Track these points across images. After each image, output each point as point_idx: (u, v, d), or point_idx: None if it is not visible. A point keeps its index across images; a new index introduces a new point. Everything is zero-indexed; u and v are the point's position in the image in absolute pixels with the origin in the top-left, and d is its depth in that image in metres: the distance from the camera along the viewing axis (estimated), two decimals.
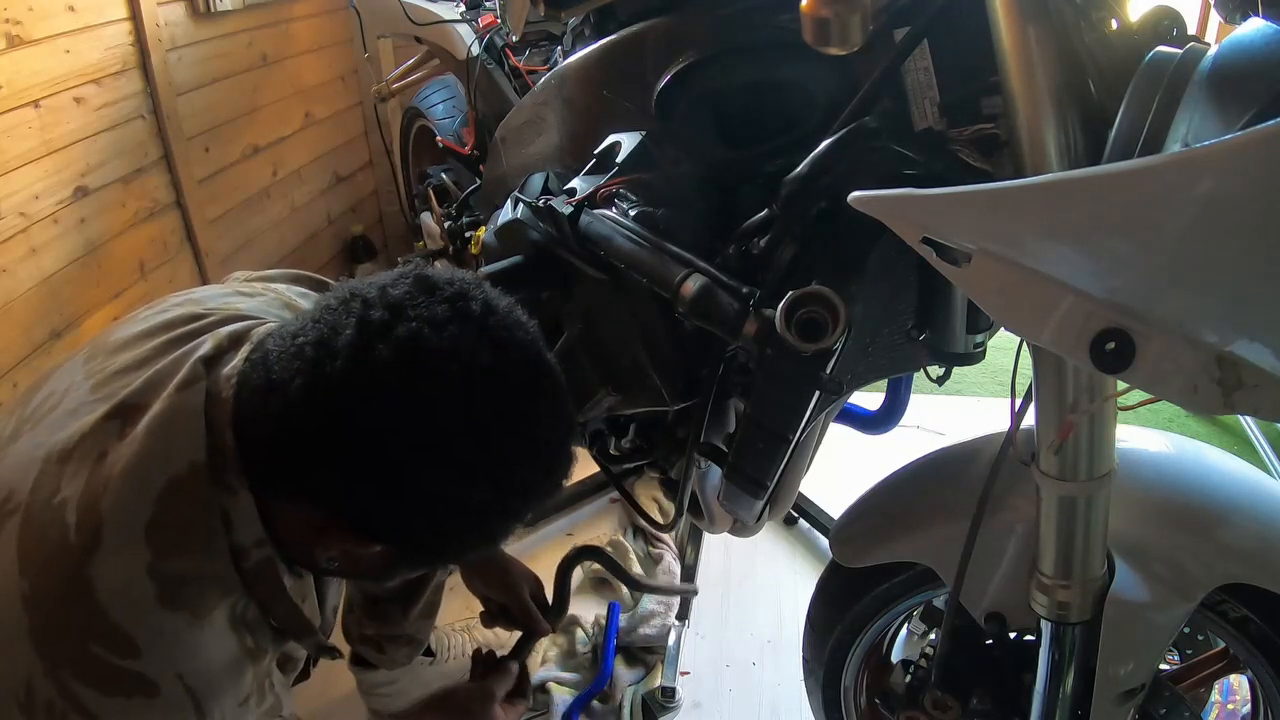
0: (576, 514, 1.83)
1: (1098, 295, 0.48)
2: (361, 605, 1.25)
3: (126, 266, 2.10)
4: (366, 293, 0.64)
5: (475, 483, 0.65)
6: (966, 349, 0.83)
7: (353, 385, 0.61)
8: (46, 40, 1.81)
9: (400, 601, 1.22)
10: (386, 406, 0.61)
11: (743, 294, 0.75)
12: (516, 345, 0.66)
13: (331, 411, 0.62)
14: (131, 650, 0.62)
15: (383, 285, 0.65)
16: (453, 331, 0.62)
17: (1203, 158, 0.43)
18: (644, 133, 0.91)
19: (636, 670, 1.46)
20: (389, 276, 0.67)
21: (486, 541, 0.73)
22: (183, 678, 0.64)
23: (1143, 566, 0.75)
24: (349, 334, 0.62)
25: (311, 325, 0.64)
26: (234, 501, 0.66)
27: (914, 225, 0.54)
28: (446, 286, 0.65)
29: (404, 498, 0.64)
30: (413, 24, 1.96)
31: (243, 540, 0.67)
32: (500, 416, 0.64)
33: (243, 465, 0.66)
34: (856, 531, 0.95)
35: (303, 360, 0.63)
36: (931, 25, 0.66)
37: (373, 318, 0.62)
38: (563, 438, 0.71)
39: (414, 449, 0.62)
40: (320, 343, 0.63)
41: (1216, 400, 0.47)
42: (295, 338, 0.64)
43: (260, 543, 0.68)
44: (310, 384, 0.62)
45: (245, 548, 0.67)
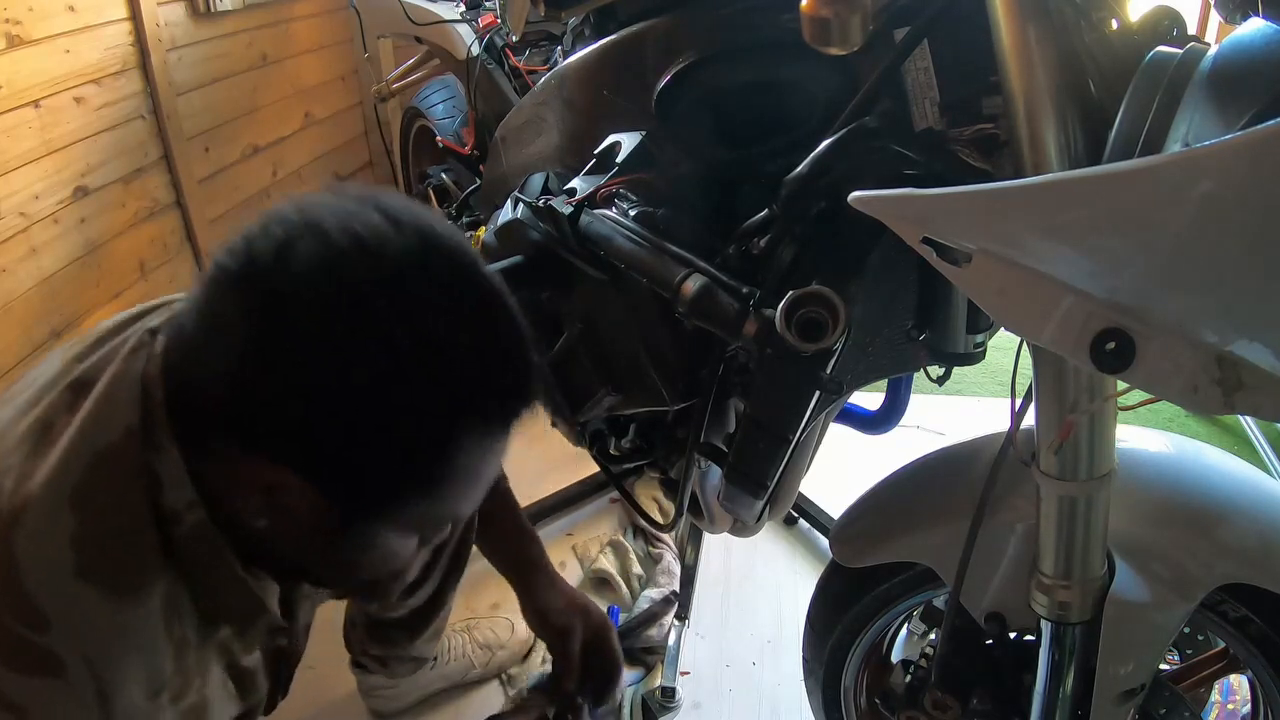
0: (576, 514, 1.83)
1: (1098, 295, 0.48)
2: (365, 626, 1.24)
3: (126, 266, 2.10)
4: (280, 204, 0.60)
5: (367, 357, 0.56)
6: (966, 349, 0.83)
7: (237, 273, 0.57)
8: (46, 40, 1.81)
9: (408, 628, 1.21)
10: (263, 277, 0.56)
11: (743, 294, 0.75)
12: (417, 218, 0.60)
13: (222, 300, 0.58)
14: (42, 623, 0.58)
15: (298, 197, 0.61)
16: (352, 209, 0.58)
17: (1203, 158, 0.43)
18: (644, 133, 0.91)
19: (636, 670, 1.46)
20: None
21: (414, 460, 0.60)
22: (90, 662, 0.60)
23: (1143, 566, 0.75)
24: (250, 228, 0.58)
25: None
26: (162, 460, 0.62)
27: (914, 225, 0.54)
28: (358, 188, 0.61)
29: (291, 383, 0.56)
30: (413, 24, 1.96)
31: (173, 502, 0.62)
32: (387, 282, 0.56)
33: (170, 417, 0.62)
34: (856, 531, 0.95)
35: (209, 270, 0.59)
36: (931, 25, 0.66)
37: (274, 211, 0.59)
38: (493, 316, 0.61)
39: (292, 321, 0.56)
40: (225, 248, 0.59)
41: (1216, 400, 0.47)
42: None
43: (191, 504, 0.63)
44: (209, 282, 0.59)
45: (177, 511, 0.62)
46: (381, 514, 0.63)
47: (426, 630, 1.22)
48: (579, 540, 1.73)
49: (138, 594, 0.62)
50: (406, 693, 1.37)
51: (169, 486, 0.62)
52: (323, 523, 0.61)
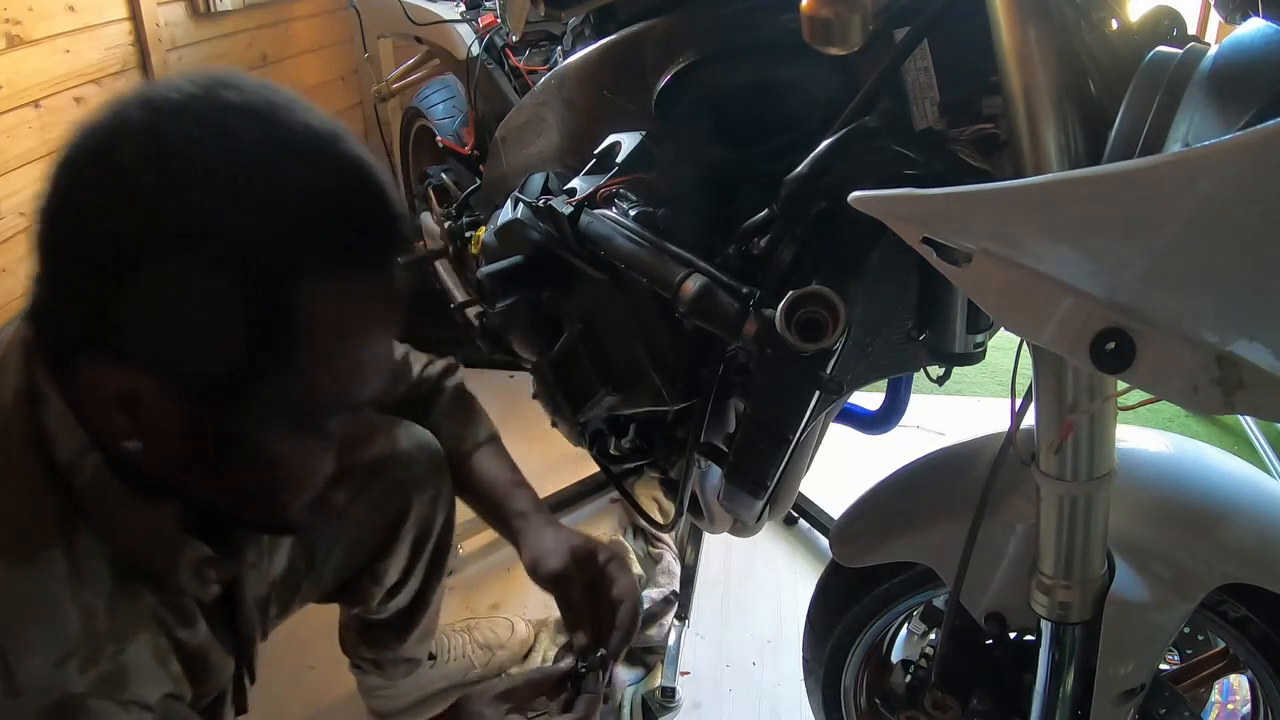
0: (577, 514, 1.83)
1: (1098, 295, 0.48)
2: (357, 630, 1.24)
3: None
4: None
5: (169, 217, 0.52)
6: (966, 349, 0.83)
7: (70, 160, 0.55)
8: (46, 40, 1.81)
9: (395, 628, 1.21)
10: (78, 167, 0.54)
11: (743, 294, 0.75)
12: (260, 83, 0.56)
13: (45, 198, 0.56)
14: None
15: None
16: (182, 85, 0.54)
17: (1203, 158, 0.43)
18: (644, 133, 0.91)
19: (636, 670, 1.46)
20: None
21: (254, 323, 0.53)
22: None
23: (1143, 566, 0.75)
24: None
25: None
26: (47, 411, 0.60)
27: (914, 225, 0.54)
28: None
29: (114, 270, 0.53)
30: (413, 24, 1.96)
31: (68, 452, 0.60)
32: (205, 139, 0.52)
33: (41, 355, 0.60)
34: (856, 531, 0.95)
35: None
36: (931, 25, 0.66)
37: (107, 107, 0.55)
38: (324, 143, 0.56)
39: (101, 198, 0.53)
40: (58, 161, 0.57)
41: (1216, 400, 0.47)
42: None
43: (86, 449, 0.60)
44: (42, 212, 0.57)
45: (74, 461, 0.60)
46: (248, 403, 0.57)
47: (414, 631, 1.22)
48: None
49: (36, 560, 0.59)
50: (406, 693, 1.37)
51: (60, 437, 0.60)
52: (192, 428, 0.57)
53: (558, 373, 1.04)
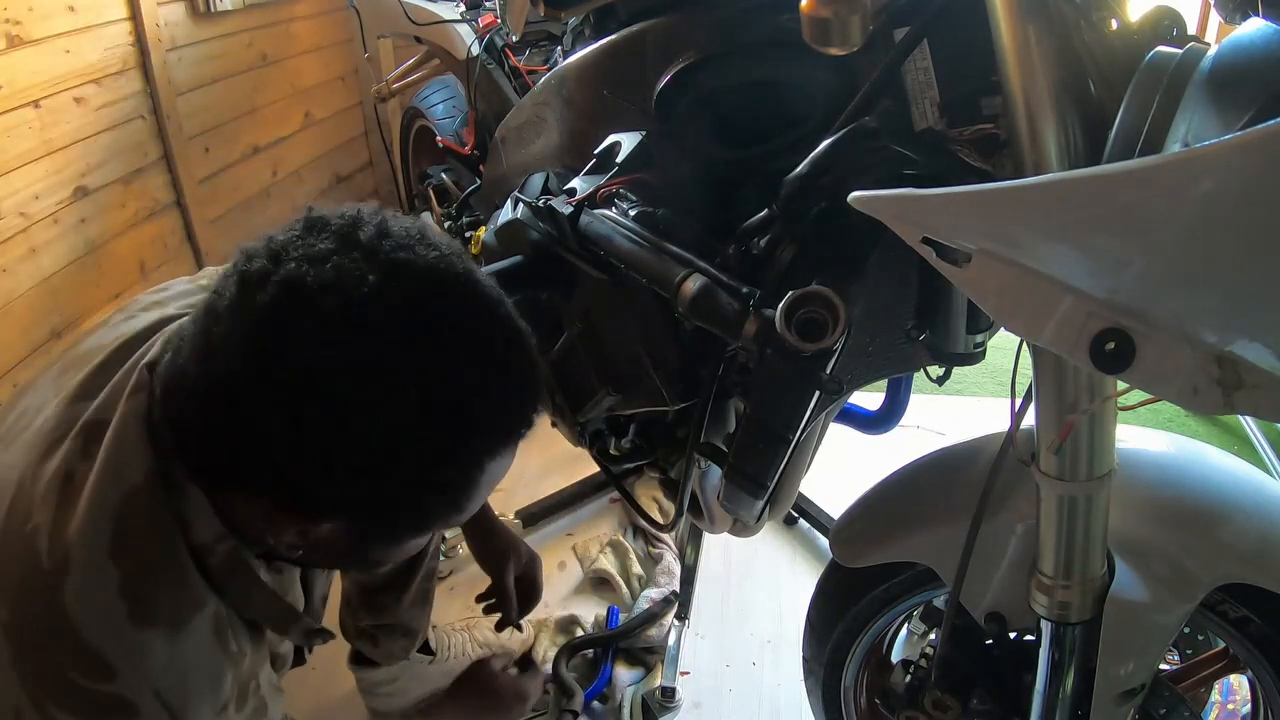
0: (577, 514, 1.83)
1: (1098, 295, 0.48)
2: (357, 597, 1.25)
3: (126, 266, 2.10)
4: (253, 246, 0.59)
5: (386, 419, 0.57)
6: (966, 349, 0.83)
7: (235, 345, 0.57)
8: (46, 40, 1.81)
9: (393, 590, 1.22)
10: (264, 358, 0.56)
11: (743, 294, 0.75)
12: (413, 263, 0.58)
13: (223, 380, 0.57)
14: (108, 673, 0.61)
15: (270, 235, 0.60)
16: (336, 262, 0.56)
17: (1203, 158, 0.43)
18: (644, 133, 0.91)
19: (636, 670, 1.46)
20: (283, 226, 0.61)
21: (439, 493, 0.64)
22: (160, 694, 0.63)
23: (1143, 566, 0.75)
24: (231, 292, 0.57)
25: (210, 295, 0.60)
26: (185, 501, 0.64)
27: (914, 225, 0.54)
28: (336, 220, 0.60)
29: (314, 456, 0.58)
30: (413, 24, 1.96)
31: (202, 538, 0.65)
32: (396, 338, 0.57)
33: (182, 461, 0.64)
34: (856, 531, 0.95)
35: (195, 331, 0.60)
36: (931, 25, 0.66)
37: (253, 269, 0.57)
38: (499, 341, 0.62)
39: (307, 398, 0.56)
40: (208, 310, 0.59)
41: (1216, 400, 0.47)
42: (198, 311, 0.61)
43: (220, 537, 0.66)
44: (202, 356, 0.59)
45: (207, 545, 0.66)
46: (409, 534, 0.70)
47: (410, 589, 1.22)
48: (579, 540, 1.73)
49: (188, 626, 0.65)
50: (406, 690, 1.37)
51: (196, 524, 0.65)
52: (355, 547, 0.67)
53: (558, 373, 1.04)
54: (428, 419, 0.58)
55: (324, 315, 0.55)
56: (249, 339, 0.56)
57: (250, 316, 0.56)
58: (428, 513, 0.66)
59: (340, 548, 0.67)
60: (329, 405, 0.56)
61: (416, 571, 1.22)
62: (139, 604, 0.62)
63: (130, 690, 0.62)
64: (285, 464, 0.59)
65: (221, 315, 0.58)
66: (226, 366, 0.57)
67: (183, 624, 0.64)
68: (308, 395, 0.56)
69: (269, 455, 0.59)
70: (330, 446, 0.57)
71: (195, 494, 0.64)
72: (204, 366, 0.59)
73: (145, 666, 0.62)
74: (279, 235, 0.60)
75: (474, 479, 0.64)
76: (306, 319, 0.55)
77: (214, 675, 0.67)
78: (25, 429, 0.70)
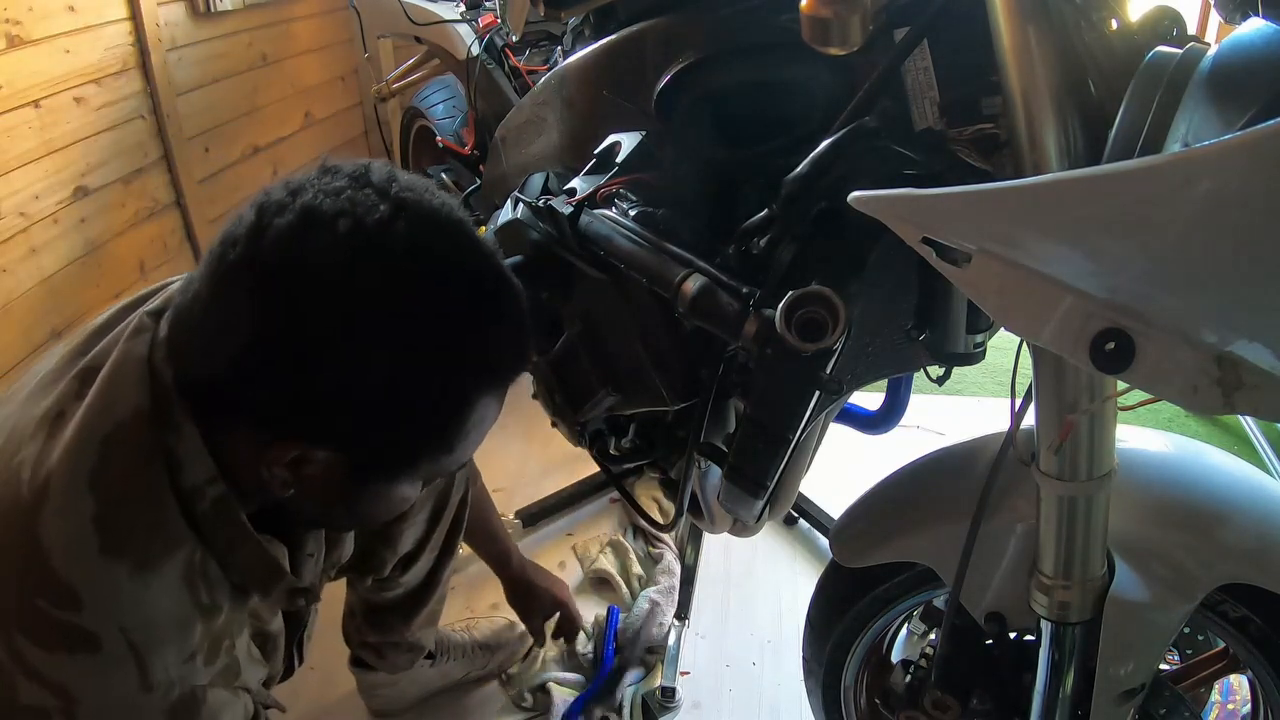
0: (577, 514, 1.83)
1: (1098, 295, 0.48)
2: (363, 613, 1.25)
3: (126, 266, 2.10)
4: (270, 186, 0.62)
5: (389, 344, 0.60)
6: (966, 349, 0.83)
7: (249, 264, 0.59)
8: (46, 40, 1.81)
9: (402, 612, 1.22)
10: (277, 276, 0.59)
11: (743, 294, 0.75)
12: (421, 202, 0.62)
13: (234, 296, 0.60)
14: (74, 603, 0.61)
15: (287, 179, 0.63)
16: (348, 194, 0.60)
17: (1203, 158, 0.43)
18: (644, 133, 0.90)
19: (636, 670, 1.46)
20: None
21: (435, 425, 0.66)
22: (125, 631, 0.62)
23: (1143, 566, 0.75)
24: (249, 219, 0.60)
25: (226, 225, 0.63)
26: (179, 439, 0.64)
27: (914, 225, 0.54)
28: (349, 165, 0.63)
29: (318, 373, 0.60)
30: (413, 24, 1.96)
31: (194, 479, 0.65)
32: (399, 269, 0.60)
33: (182, 396, 0.64)
34: (856, 531, 0.95)
35: (208, 260, 0.62)
36: (931, 25, 0.66)
37: (271, 199, 0.61)
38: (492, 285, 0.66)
39: (313, 313, 0.59)
40: (224, 238, 0.61)
41: (1216, 400, 0.47)
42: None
43: (212, 479, 0.65)
44: (215, 278, 0.61)
45: (198, 487, 0.65)
46: (400, 473, 0.69)
47: (421, 613, 1.23)
48: (579, 540, 1.73)
49: (162, 565, 0.64)
50: (406, 691, 1.37)
51: (188, 465, 0.65)
52: (346, 485, 0.67)
53: (558, 373, 1.04)
54: (424, 344, 0.62)
55: (337, 236, 0.58)
56: (263, 257, 0.59)
57: (266, 237, 0.59)
58: (418, 445, 0.67)
59: (332, 485, 0.66)
60: (333, 321, 0.59)
61: (429, 596, 1.22)
62: (111, 536, 0.62)
63: (94, 623, 0.61)
64: (285, 379, 0.60)
65: (238, 239, 0.60)
66: (238, 284, 0.60)
67: (153, 562, 0.63)
68: (315, 310, 0.59)
69: (270, 369, 0.60)
70: (330, 363, 0.60)
71: (190, 433, 0.64)
72: (215, 287, 0.61)
73: (112, 600, 0.62)
74: (295, 177, 0.63)
75: (464, 415, 0.66)
76: (321, 237, 0.58)
77: (181, 620, 0.66)
78: (26, 386, 0.71)
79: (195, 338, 0.64)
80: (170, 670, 0.65)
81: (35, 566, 0.61)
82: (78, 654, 0.61)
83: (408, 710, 1.39)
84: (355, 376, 0.60)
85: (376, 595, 1.19)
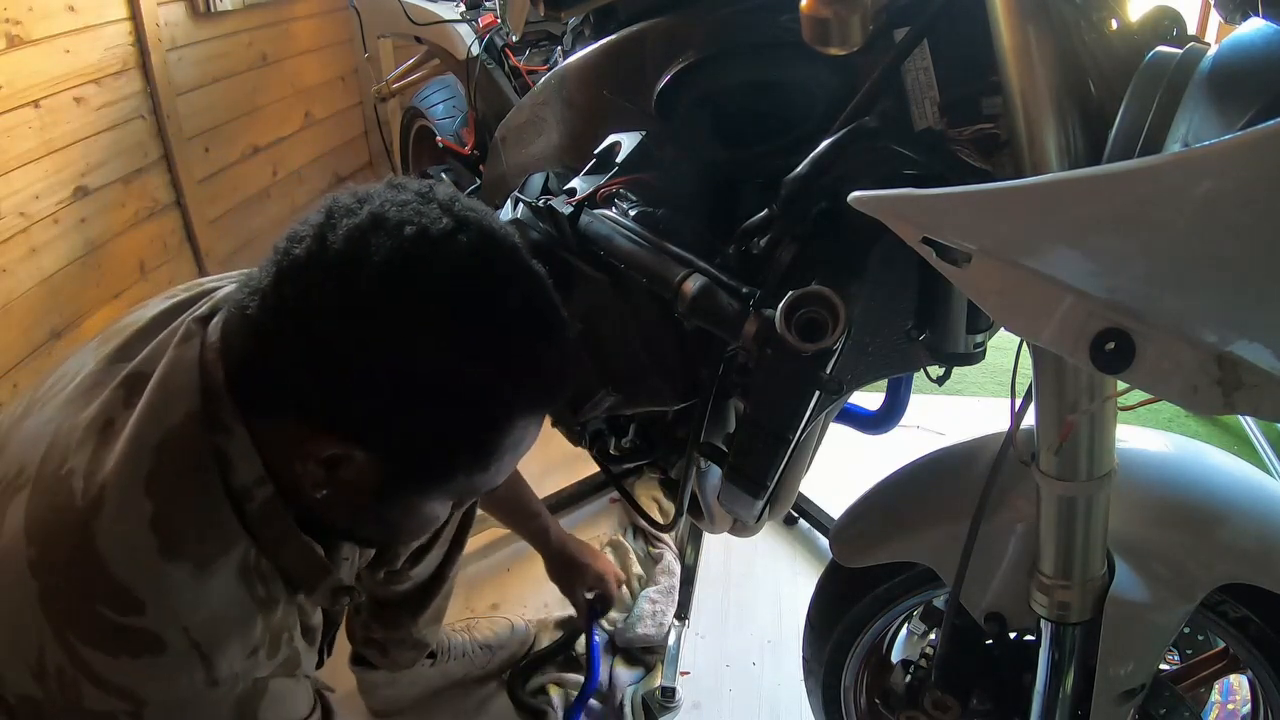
0: (577, 514, 1.83)
1: (1097, 295, 0.48)
2: (370, 609, 1.25)
3: (126, 266, 2.10)
4: (339, 194, 0.65)
5: (440, 346, 0.61)
6: (966, 349, 0.83)
7: (313, 258, 0.61)
8: (46, 40, 1.81)
9: (410, 607, 1.22)
10: (339, 269, 0.60)
11: (743, 294, 0.75)
12: (482, 222, 0.64)
13: (295, 289, 0.61)
14: (136, 606, 0.61)
15: (354, 188, 0.65)
16: (414, 206, 0.62)
17: (1203, 158, 0.43)
18: (644, 133, 0.91)
19: (636, 670, 1.46)
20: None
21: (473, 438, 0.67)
22: (188, 630, 0.63)
23: (1143, 566, 0.75)
24: (316, 220, 0.62)
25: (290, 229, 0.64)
26: (230, 440, 0.65)
27: (914, 225, 0.54)
28: (416, 182, 0.66)
29: (368, 367, 0.61)
30: (413, 24, 1.96)
31: (244, 480, 0.66)
32: (459, 278, 0.62)
33: (233, 396, 0.65)
34: (856, 531, 0.95)
35: (271, 260, 0.63)
36: (931, 25, 0.66)
37: (340, 203, 0.63)
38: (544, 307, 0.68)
39: (368, 311, 0.60)
40: (290, 237, 0.63)
41: (1216, 400, 0.47)
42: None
43: (261, 480, 0.66)
44: (278, 276, 0.62)
45: (247, 488, 0.66)
46: (433, 486, 0.69)
47: (428, 609, 1.23)
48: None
49: (219, 564, 0.65)
50: (406, 691, 1.37)
51: (238, 465, 0.65)
52: (379, 492, 0.67)
53: None
54: (474, 351, 0.62)
55: (401, 239, 0.60)
56: (328, 253, 0.60)
57: (333, 235, 0.60)
58: (456, 457, 0.67)
59: (364, 490, 0.67)
60: (389, 317, 0.60)
61: (437, 592, 1.22)
62: (169, 538, 0.62)
63: (158, 625, 0.62)
64: (335, 371, 0.61)
65: (304, 237, 0.62)
66: (301, 279, 0.61)
67: (210, 561, 0.64)
68: (372, 305, 0.60)
69: (321, 360, 0.61)
70: (381, 358, 0.61)
71: (241, 434, 0.65)
72: (278, 281, 0.62)
73: (174, 601, 0.62)
74: (362, 188, 0.65)
75: (503, 431, 0.67)
76: (386, 239, 0.60)
77: (242, 618, 0.67)
78: (64, 389, 0.71)
79: (251, 335, 0.64)
80: (235, 665, 0.66)
81: (94, 574, 0.61)
82: (142, 657, 0.62)
83: (408, 710, 1.39)
84: (404, 375, 0.61)
85: (385, 590, 1.19)
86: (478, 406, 0.64)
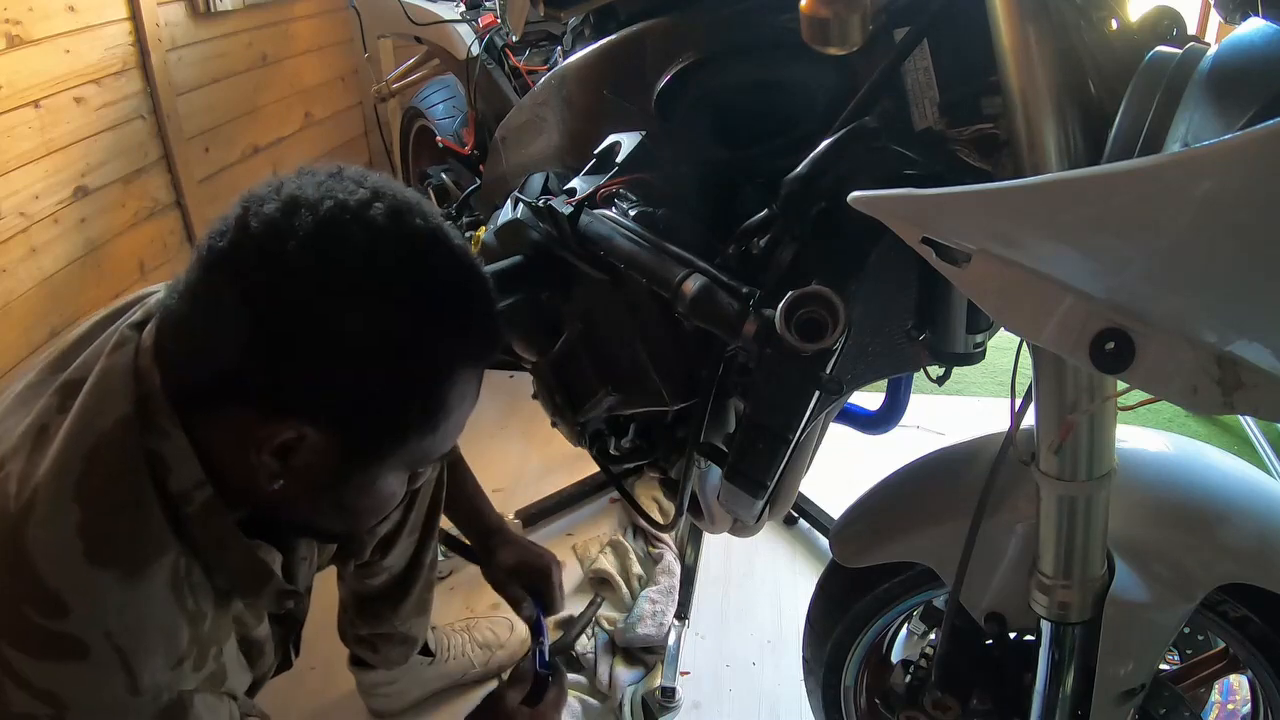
0: (576, 514, 1.83)
1: (1097, 295, 0.48)
2: (354, 606, 1.25)
3: (126, 266, 2.10)
4: (254, 186, 0.66)
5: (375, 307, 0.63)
6: (966, 349, 0.83)
7: (236, 248, 0.62)
8: (46, 40, 1.81)
9: (390, 600, 1.22)
10: (264, 253, 0.61)
11: (743, 294, 0.75)
12: (396, 192, 0.66)
13: (222, 282, 0.62)
14: (61, 610, 0.61)
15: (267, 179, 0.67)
16: (328, 183, 0.64)
17: (1203, 158, 0.43)
18: (644, 133, 0.91)
19: (636, 670, 1.46)
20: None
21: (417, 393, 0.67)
22: (111, 636, 0.63)
23: (1143, 566, 0.75)
24: (234, 212, 0.64)
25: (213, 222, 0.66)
26: (166, 444, 0.65)
27: (914, 225, 0.54)
28: (326, 166, 0.67)
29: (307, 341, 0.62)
30: (413, 24, 1.96)
31: (181, 483, 0.66)
32: (382, 238, 0.63)
33: (169, 398, 0.65)
34: (856, 531, 0.95)
35: (196, 253, 0.64)
36: (931, 25, 0.66)
37: (257, 192, 0.64)
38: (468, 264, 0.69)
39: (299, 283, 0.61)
40: (211, 232, 0.64)
41: (1216, 400, 0.47)
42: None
43: (200, 483, 0.66)
44: (204, 266, 0.63)
45: (185, 491, 0.66)
46: (388, 455, 0.70)
47: (407, 601, 1.23)
48: (579, 540, 1.73)
49: (146, 573, 0.65)
50: (406, 691, 1.37)
51: (175, 469, 0.66)
52: (334, 473, 0.68)
53: (558, 373, 1.04)
54: (407, 312, 0.64)
55: (320, 213, 0.61)
56: (250, 240, 0.61)
57: (254, 222, 0.62)
58: (404, 422, 0.68)
59: (320, 473, 0.67)
60: (321, 285, 0.61)
61: (414, 582, 1.22)
62: (96, 543, 0.63)
63: (82, 630, 0.62)
64: (274, 353, 0.62)
65: (225, 230, 0.63)
66: (227, 269, 0.62)
67: (139, 568, 0.64)
68: (302, 277, 0.61)
69: (260, 345, 0.62)
70: (319, 329, 0.62)
71: (178, 437, 0.65)
72: (204, 276, 0.63)
73: (99, 607, 0.63)
74: (275, 177, 0.66)
75: (445, 386, 0.68)
76: (308, 215, 0.61)
77: (168, 627, 0.67)
78: (5, 401, 0.72)
79: (185, 332, 0.65)
80: (159, 676, 0.65)
81: (21, 576, 0.61)
82: (66, 661, 0.62)
83: (407, 710, 1.39)
84: (341, 337, 0.62)
85: (362, 584, 1.20)
86: (417, 359, 0.66)
